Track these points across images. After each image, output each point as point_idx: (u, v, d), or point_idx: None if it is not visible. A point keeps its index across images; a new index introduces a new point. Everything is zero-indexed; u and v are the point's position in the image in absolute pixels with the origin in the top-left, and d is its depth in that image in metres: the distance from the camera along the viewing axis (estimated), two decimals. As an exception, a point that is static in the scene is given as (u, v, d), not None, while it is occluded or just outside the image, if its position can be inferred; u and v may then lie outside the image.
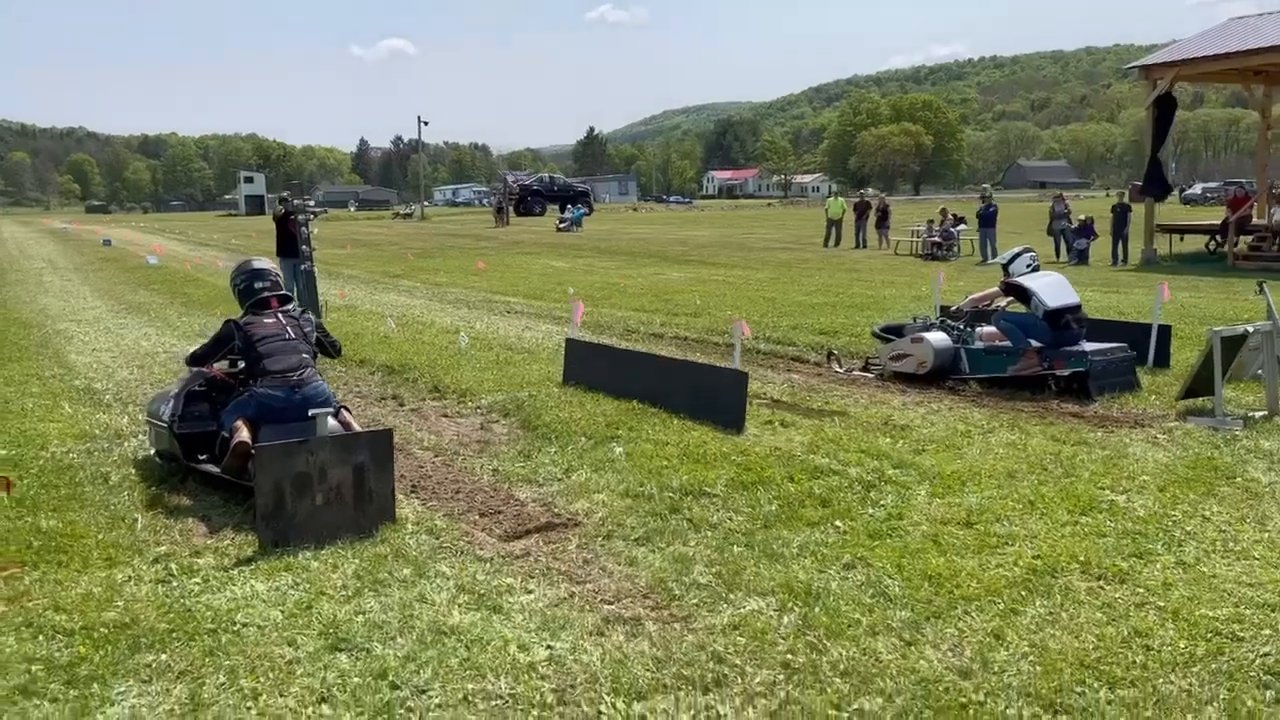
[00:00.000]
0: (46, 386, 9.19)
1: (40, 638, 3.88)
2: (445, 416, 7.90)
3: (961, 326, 8.82)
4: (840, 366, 9.64)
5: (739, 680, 3.48)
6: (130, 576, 4.50)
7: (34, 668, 3.62)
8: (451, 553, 4.79)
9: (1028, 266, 8.65)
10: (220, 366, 6.27)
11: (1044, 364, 8.11)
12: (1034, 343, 8.21)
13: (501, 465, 6.29)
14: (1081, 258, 23.28)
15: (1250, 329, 7.02)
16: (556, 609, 4.12)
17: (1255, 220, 22.77)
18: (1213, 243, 23.89)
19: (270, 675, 3.55)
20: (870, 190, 41.45)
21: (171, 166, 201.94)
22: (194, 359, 6.09)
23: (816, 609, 4.01)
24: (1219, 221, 23.54)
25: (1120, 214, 23.81)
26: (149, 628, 3.94)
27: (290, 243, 14.62)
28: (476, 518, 5.32)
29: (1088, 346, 8.10)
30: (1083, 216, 24.75)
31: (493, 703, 3.38)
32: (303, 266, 14.50)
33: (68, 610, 4.12)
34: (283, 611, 4.09)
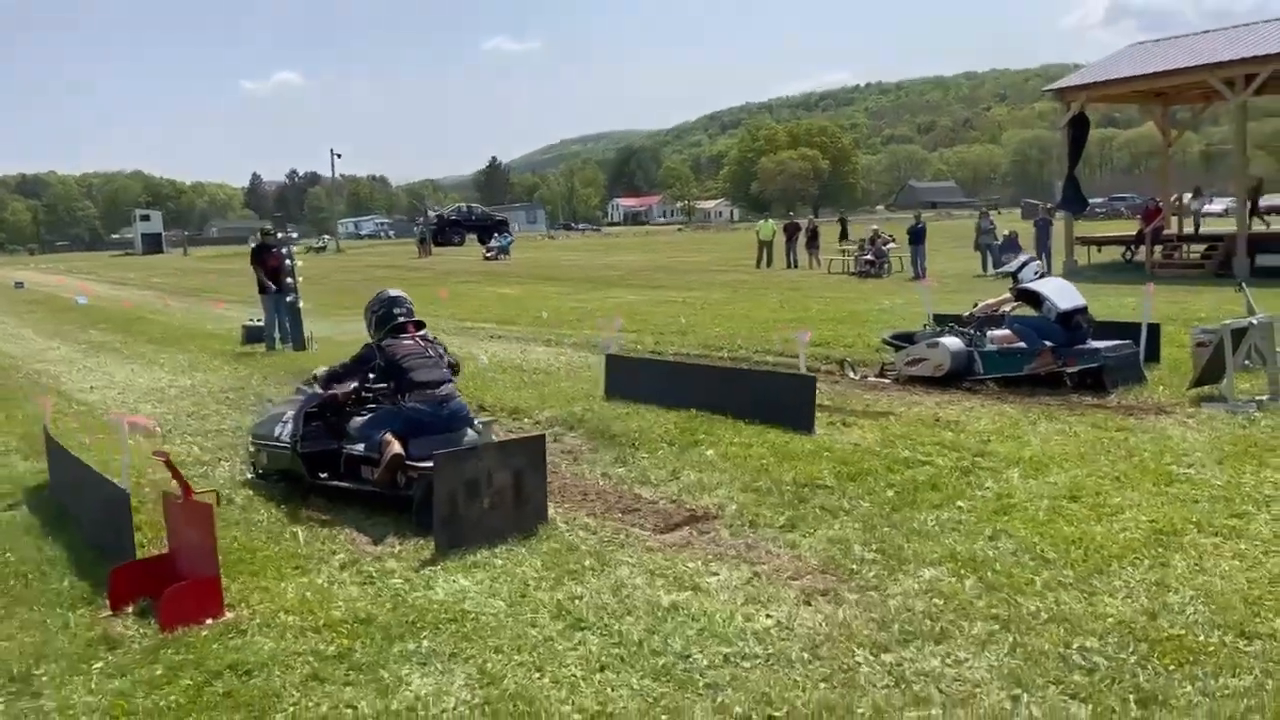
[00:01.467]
0: (83, 422, 9.09)
1: (288, 635, 4.08)
2: (510, 433, 8.16)
3: (972, 331, 9.48)
4: (854, 373, 10.22)
5: (959, 633, 3.92)
6: (330, 580, 4.70)
7: (309, 659, 3.83)
8: (617, 545, 5.12)
9: (1035, 273, 9.39)
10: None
11: (1058, 362, 8.82)
12: (1047, 343, 8.92)
13: (606, 470, 6.63)
14: (1009, 271, 24.59)
15: (1254, 321, 7.83)
16: (751, 586, 4.50)
17: (1166, 231, 24.50)
18: (1128, 252, 25.54)
19: (537, 651, 3.85)
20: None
21: (53, 206, 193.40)
22: (332, 377, 6.22)
23: (988, 573, 4.48)
24: (1134, 233, 25.20)
25: (1042, 228, 25.28)
26: (388, 621, 4.18)
27: (272, 277, 14.56)
28: (620, 515, 5.65)
29: (1098, 344, 8.84)
30: (1006, 231, 26.16)
31: (754, 660, 3.75)
32: (288, 299, 14.50)
33: (295, 612, 4.32)
34: (504, 600, 4.38)
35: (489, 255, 46.64)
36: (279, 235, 14.87)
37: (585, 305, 20.16)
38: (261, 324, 15.21)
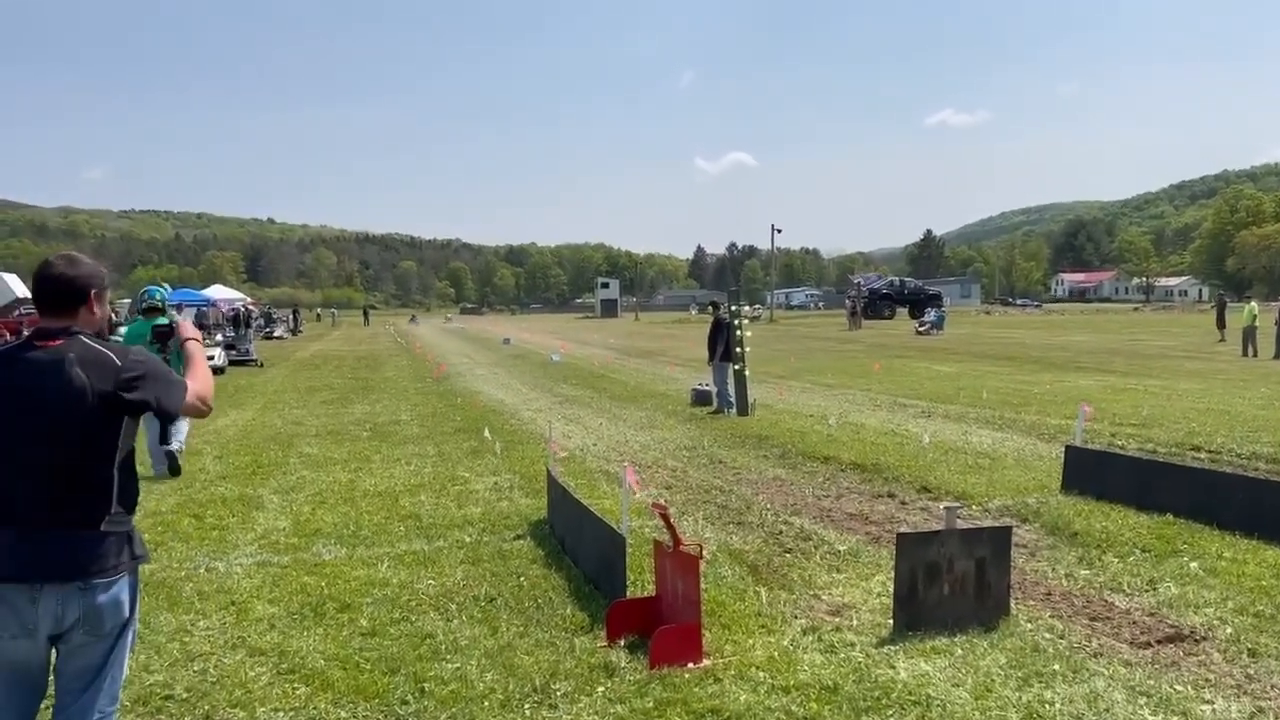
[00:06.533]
0: (568, 467, 10.34)
1: (760, 690, 4.36)
2: (958, 519, 7.98)
3: None
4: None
5: None
6: (794, 644, 4.95)
7: (782, 717, 4.07)
8: (1089, 654, 4.82)
9: None
10: None
11: None
12: None
13: (1070, 571, 6.26)
14: None
15: None
16: (1256, 724, 4.02)
17: None
18: None
19: (1009, 753, 3.76)
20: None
21: (532, 273, 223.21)
22: None
23: None
24: None
25: None
26: (853, 693, 4.31)
27: (725, 347, 15.64)
28: (1088, 621, 5.32)
29: None
30: None
31: (1268, 811, 3.35)
32: (735, 367, 15.44)
33: (764, 669, 4.60)
34: (968, 692, 4.32)
35: (921, 330, 45.98)
36: (733, 308, 15.92)
37: (1030, 388, 19.11)
38: (709, 388, 16.35)
